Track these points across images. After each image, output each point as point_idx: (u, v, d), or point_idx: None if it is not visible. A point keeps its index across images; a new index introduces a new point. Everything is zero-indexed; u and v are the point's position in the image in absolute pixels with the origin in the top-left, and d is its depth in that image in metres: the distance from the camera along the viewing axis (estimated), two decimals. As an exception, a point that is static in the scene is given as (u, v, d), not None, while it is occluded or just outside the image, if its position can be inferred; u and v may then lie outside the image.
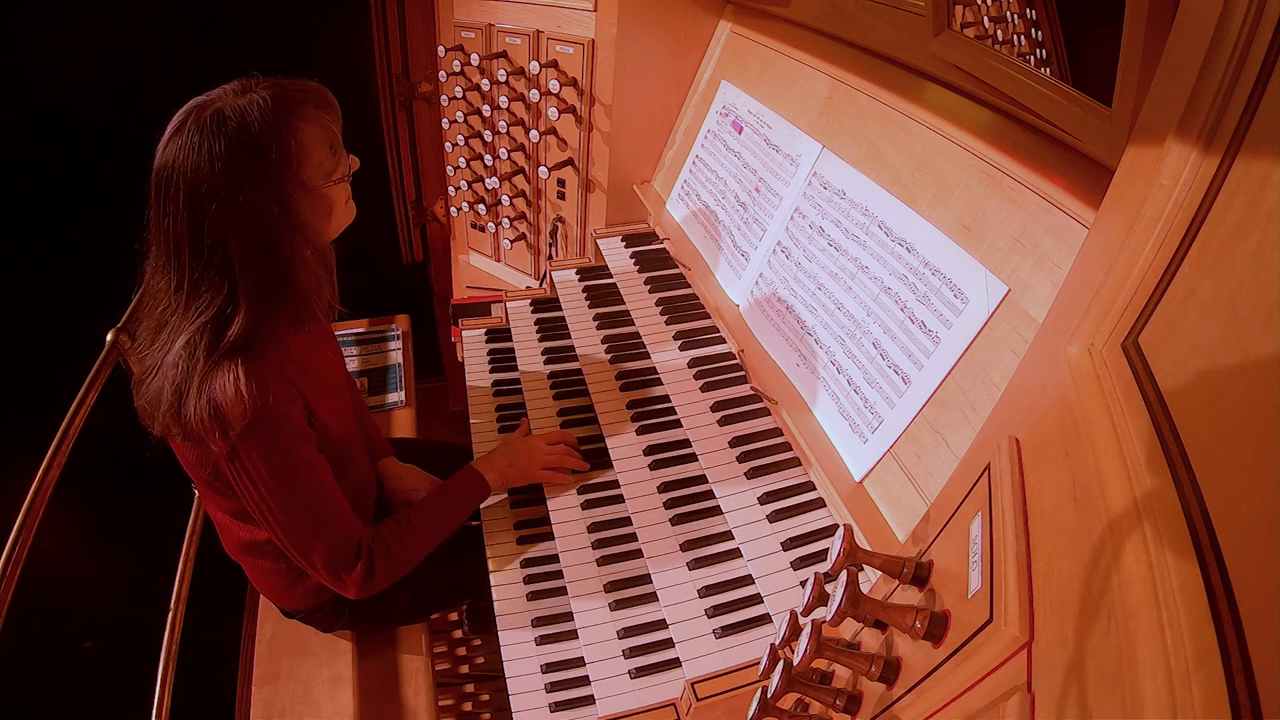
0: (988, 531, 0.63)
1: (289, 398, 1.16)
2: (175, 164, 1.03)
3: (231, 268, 1.06)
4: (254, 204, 1.04)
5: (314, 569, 1.26)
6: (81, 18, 2.10)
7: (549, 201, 2.15)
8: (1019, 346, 0.98)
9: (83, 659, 2.22)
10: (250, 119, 1.03)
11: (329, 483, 1.24)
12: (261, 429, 1.11)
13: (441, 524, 1.41)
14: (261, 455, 1.13)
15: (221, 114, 1.03)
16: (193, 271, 1.06)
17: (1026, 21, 1.01)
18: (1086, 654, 0.46)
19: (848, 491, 1.17)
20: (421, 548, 1.37)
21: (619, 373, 1.60)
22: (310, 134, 1.09)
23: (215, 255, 1.05)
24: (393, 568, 1.31)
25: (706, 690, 1.07)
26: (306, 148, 1.08)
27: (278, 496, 1.17)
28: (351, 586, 1.28)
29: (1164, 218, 0.59)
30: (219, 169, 1.01)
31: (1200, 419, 0.48)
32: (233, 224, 1.04)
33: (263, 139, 1.03)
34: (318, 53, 2.42)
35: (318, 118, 1.10)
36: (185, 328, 1.08)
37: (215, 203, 1.02)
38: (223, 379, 1.07)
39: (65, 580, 2.28)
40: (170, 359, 1.09)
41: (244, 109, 1.04)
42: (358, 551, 1.27)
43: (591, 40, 1.84)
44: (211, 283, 1.06)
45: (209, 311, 1.07)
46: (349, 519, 1.27)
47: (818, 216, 1.40)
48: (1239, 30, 0.53)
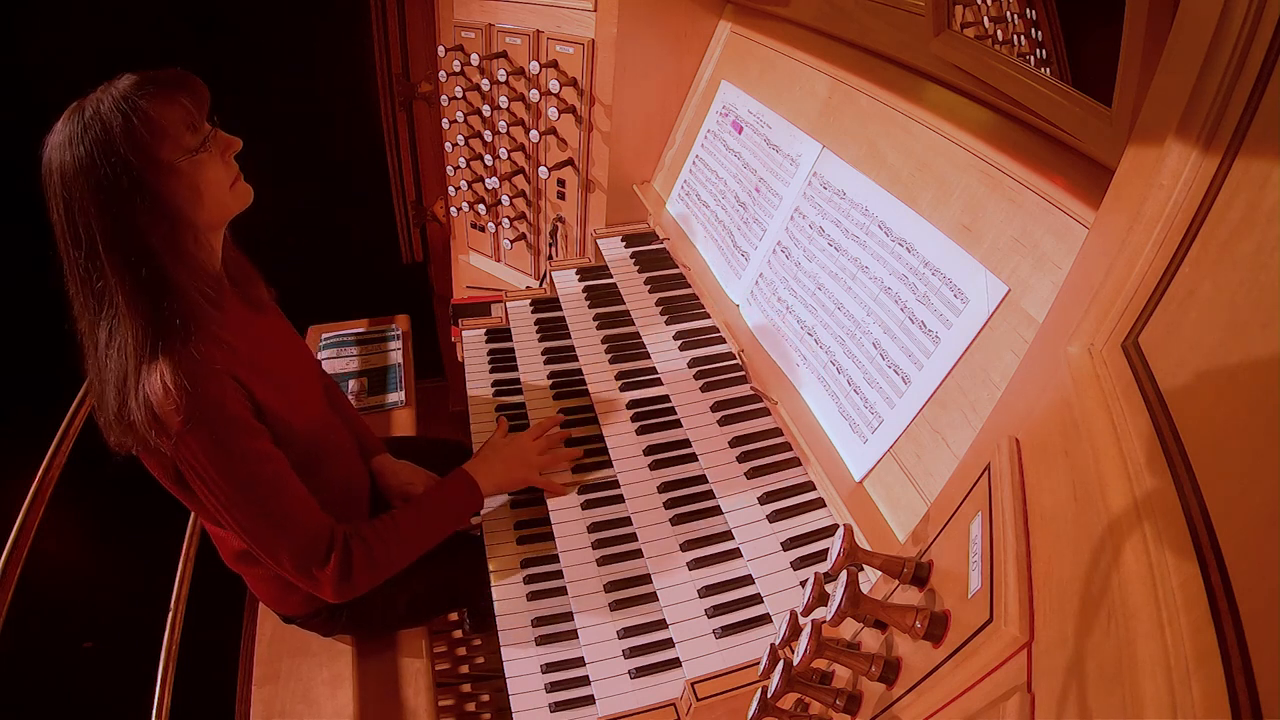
0: (988, 531, 0.63)
1: (227, 392, 1.12)
2: (48, 157, 1.04)
3: (100, 256, 1.04)
4: (107, 185, 1.02)
5: (283, 569, 1.22)
6: (81, 18, 2.11)
7: (549, 201, 2.15)
8: (1019, 346, 0.98)
9: (83, 659, 2.22)
10: (101, 104, 1.04)
11: (286, 477, 1.20)
12: (200, 425, 1.08)
13: (429, 528, 1.37)
14: (205, 452, 1.10)
15: (80, 105, 1.05)
16: (79, 268, 1.06)
17: (1026, 21, 1.01)
18: (1086, 654, 0.46)
19: (848, 491, 1.17)
20: (406, 552, 1.32)
21: (619, 373, 1.60)
22: (162, 112, 1.06)
23: (89, 247, 1.04)
24: (373, 569, 1.27)
25: (706, 690, 1.07)
26: (160, 126, 1.05)
27: (229, 494, 1.14)
28: (326, 585, 1.22)
29: (1164, 218, 0.59)
30: (76, 155, 1.02)
31: (1200, 419, 0.48)
32: (93, 210, 1.02)
33: (110, 121, 1.02)
34: (318, 53, 2.42)
35: (170, 96, 1.07)
36: (101, 327, 1.07)
37: (77, 190, 1.02)
38: (153, 379, 1.05)
39: (65, 580, 2.29)
40: (103, 362, 1.08)
41: (99, 97, 1.05)
42: (329, 546, 1.22)
43: (591, 40, 1.84)
44: (98, 275, 1.05)
45: (108, 307, 1.06)
46: (313, 513, 1.22)
47: (818, 216, 1.40)
48: (1239, 30, 0.53)
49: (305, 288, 1.57)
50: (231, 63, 1.15)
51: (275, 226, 1.28)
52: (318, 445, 1.31)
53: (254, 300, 1.31)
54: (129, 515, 2.28)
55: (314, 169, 2.43)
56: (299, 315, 1.46)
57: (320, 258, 2.48)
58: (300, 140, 2.36)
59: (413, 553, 1.34)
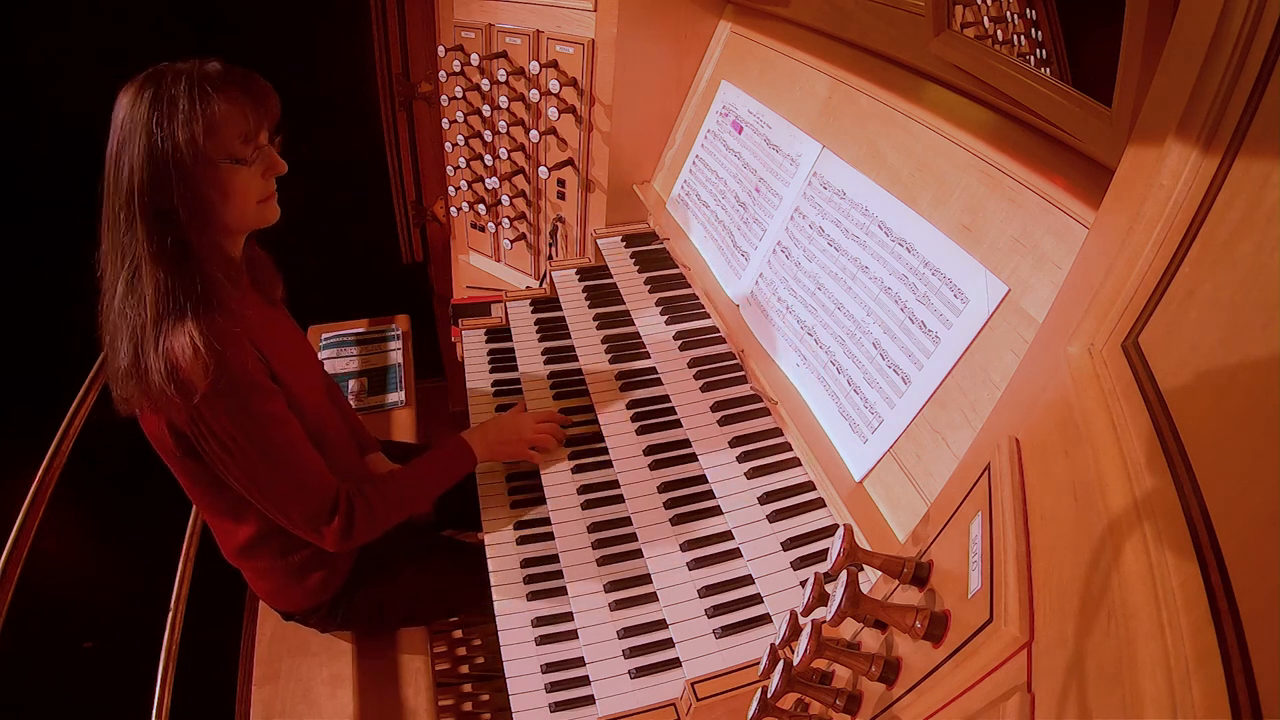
0: (988, 531, 0.63)
1: (250, 357, 1.17)
2: (119, 102, 1.10)
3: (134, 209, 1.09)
4: (156, 151, 1.08)
5: (291, 523, 1.28)
6: (81, 18, 2.11)
7: (549, 201, 2.15)
8: (1019, 346, 0.98)
9: (83, 659, 2.22)
10: (178, 80, 1.09)
11: (300, 438, 1.26)
12: (225, 388, 1.12)
13: (426, 486, 1.45)
14: (228, 414, 1.14)
15: (161, 71, 1.10)
16: (113, 210, 1.11)
17: (1026, 21, 1.01)
18: (1086, 654, 0.46)
19: (848, 491, 1.17)
20: (404, 507, 1.40)
21: (619, 373, 1.60)
22: (226, 113, 1.11)
23: (128, 197, 1.09)
24: (372, 523, 1.34)
25: (706, 690, 1.07)
26: (216, 121, 1.10)
27: (249, 454, 1.18)
28: (330, 538, 1.30)
29: (1164, 218, 0.59)
30: (139, 113, 1.08)
31: (1200, 419, 0.48)
32: (139, 166, 1.08)
33: (179, 97, 1.08)
34: (318, 53, 2.42)
35: (241, 101, 1.13)
36: (121, 276, 1.11)
37: (131, 144, 1.08)
38: (180, 340, 1.09)
39: (65, 580, 2.29)
40: (118, 310, 1.12)
41: (180, 70, 1.10)
42: (335, 504, 1.29)
43: (591, 40, 1.84)
44: (128, 226, 1.10)
45: (131, 259, 1.10)
46: (322, 474, 1.29)
47: (818, 216, 1.40)
48: (1239, 30, 0.53)
49: (305, 288, 1.57)
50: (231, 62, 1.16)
51: (275, 226, 1.29)
52: (321, 432, 1.34)
53: (270, 297, 1.37)
54: (129, 515, 2.29)
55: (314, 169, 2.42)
56: (299, 315, 1.47)
57: (320, 258, 2.48)
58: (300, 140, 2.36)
59: (408, 510, 1.41)
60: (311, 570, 1.43)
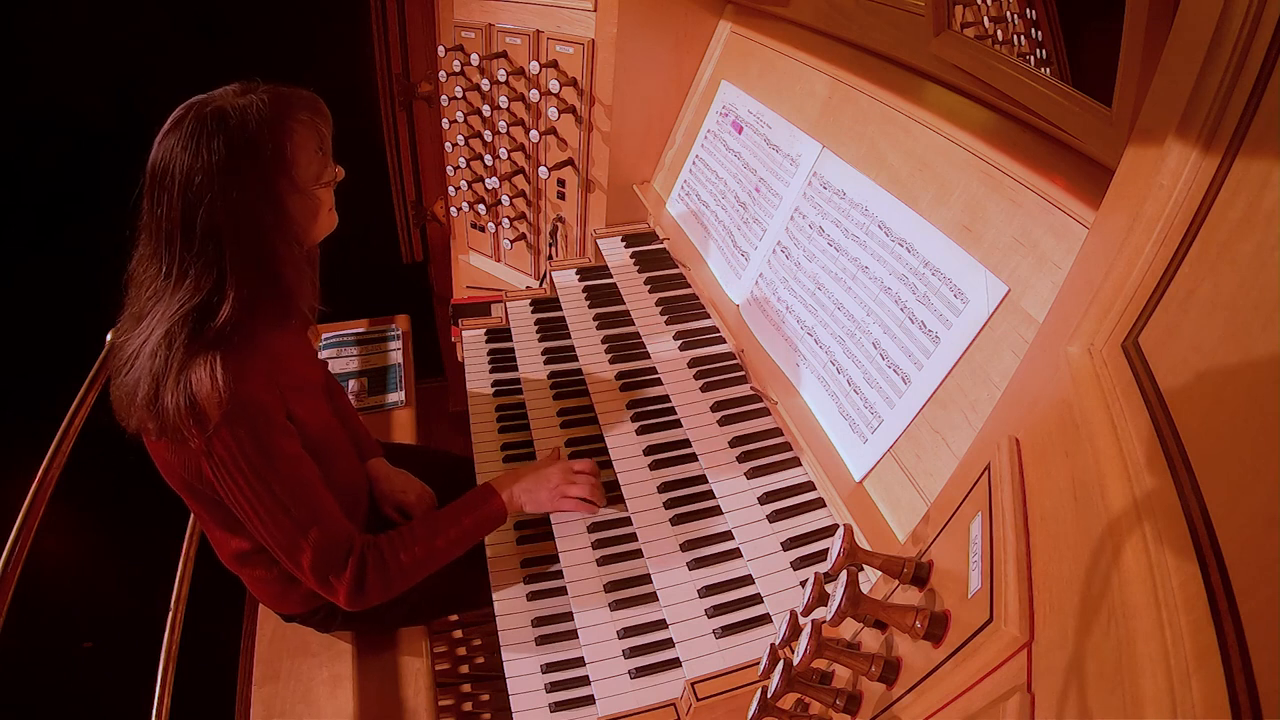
0: (988, 531, 0.63)
1: (267, 392, 1.16)
2: (173, 155, 1.07)
3: (222, 258, 1.08)
4: (247, 198, 1.08)
5: (302, 572, 1.22)
6: (81, 18, 2.11)
7: (549, 201, 2.15)
8: (1019, 346, 0.98)
9: (83, 659, 2.22)
10: (249, 118, 1.08)
11: (315, 479, 1.22)
12: (239, 421, 1.11)
13: (448, 547, 1.33)
14: (240, 448, 1.12)
15: (223, 111, 1.08)
16: (183, 261, 1.09)
17: (1026, 21, 1.01)
18: (1086, 654, 0.46)
19: (848, 491, 1.17)
20: (422, 567, 1.30)
21: (619, 373, 1.60)
22: (303, 137, 1.14)
23: (206, 245, 1.08)
24: (386, 582, 1.26)
25: (706, 690, 1.07)
26: (298, 150, 1.13)
27: (259, 493, 1.15)
28: (340, 591, 1.23)
29: (1164, 218, 0.59)
30: (215, 162, 1.05)
31: (1200, 419, 0.48)
32: (225, 215, 1.07)
33: (259, 138, 1.08)
34: (318, 53, 2.42)
35: (311, 122, 1.15)
36: (168, 315, 1.09)
37: (209, 194, 1.06)
38: (199, 371, 1.08)
39: (65, 580, 2.29)
40: (149, 348, 1.09)
41: (244, 108, 1.09)
42: (348, 553, 1.23)
43: (591, 40, 1.84)
44: (200, 271, 1.09)
45: (196, 299, 1.09)
46: (338, 519, 1.23)
47: (818, 216, 1.40)
48: (1239, 30, 0.53)
49: (305, 288, 1.57)
50: (231, 63, 1.16)
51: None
52: (323, 448, 1.32)
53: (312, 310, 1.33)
54: (129, 515, 2.29)
55: (314, 169, 2.43)
56: (299, 315, 1.47)
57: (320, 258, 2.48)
58: (300, 140, 2.36)
59: (426, 570, 1.31)
60: None
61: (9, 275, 2.23)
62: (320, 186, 1.19)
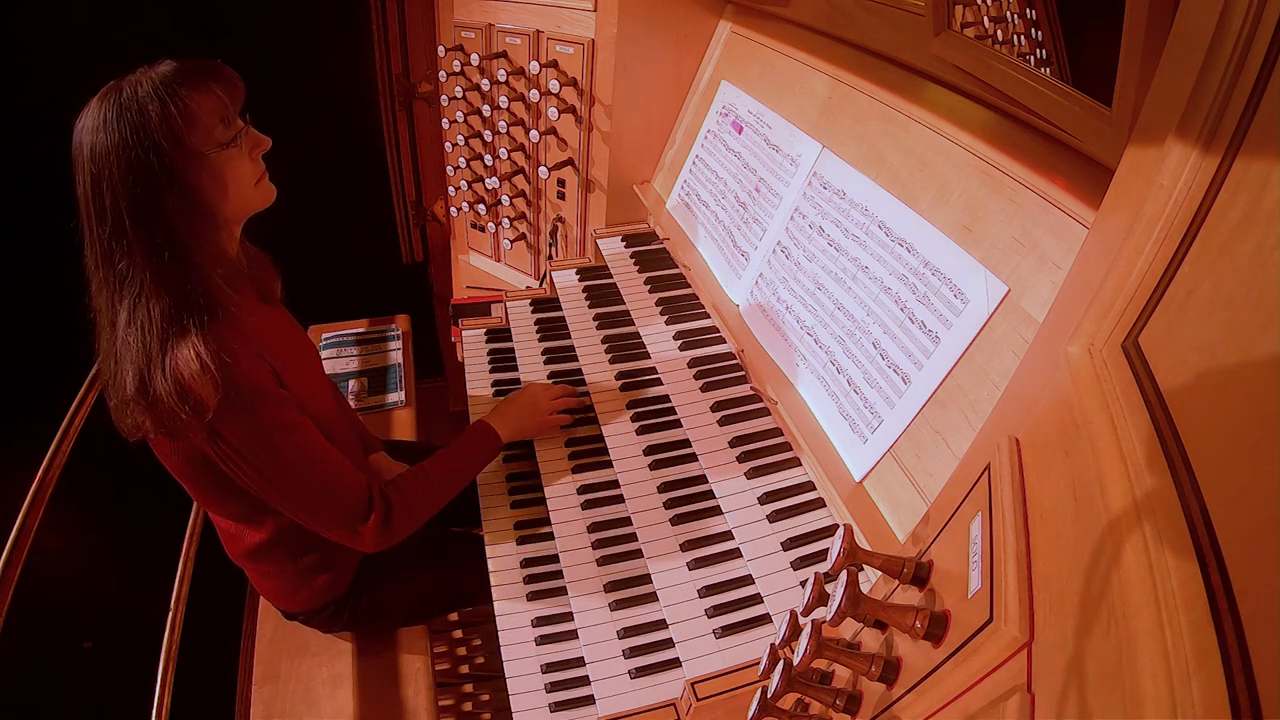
0: (988, 531, 0.63)
1: (256, 365, 1.15)
2: (79, 137, 1.06)
3: (127, 235, 1.06)
4: (138, 167, 1.05)
5: (328, 530, 1.27)
6: (81, 18, 2.10)
7: (549, 201, 2.15)
8: (1019, 346, 0.98)
9: (83, 659, 2.22)
10: (140, 88, 1.06)
11: (319, 440, 1.23)
12: (236, 402, 1.10)
13: (457, 476, 1.43)
14: (244, 429, 1.13)
15: (118, 86, 1.07)
16: (103, 245, 1.08)
17: (1026, 21, 1.00)
18: (1086, 654, 0.46)
19: (848, 491, 1.17)
20: (438, 498, 1.39)
21: (619, 373, 1.60)
22: (198, 102, 1.09)
23: (116, 225, 1.06)
24: (410, 517, 1.33)
25: (706, 690, 1.07)
26: (193, 115, 1.08)
27: (272, 467, 1.17)
28: (368, 537, 1.28)
29: (1164, 218, 0.59)
30: (110, 134, 1.04)
31: (1200, 419, 0.48)
32: (123, 189, 1.05)
33: (146, 104, 1.05)
34: (318, 53, 2.42)
35: (207, 87, 1.10)
36: (121, 306, 1.08)
37: (108, 168, 1.04)
38: (185, 355, 1.06)
39: (65, 580, 2.28)
40: (121, 340, 1.09)
41: (137, 79, 1.07)
42: (370, 501, 1.28)
43: (591, 40, 1.84)
44: (123, 253, 1.07)
45: (130, 285, 1.08)
46: (349, 473, 1.27)
47: (818, 216, 1.40)
48: (1239, 30, 0.53)
49: (305, 288, 1.57)
50: (231, 63, 1.16)
51: (275, 226, 1.28)
52: (329, 433, 1.32)
53: (267, 295, 1.34)
54: (129, 515, 2.29)
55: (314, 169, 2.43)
56: (299, 315, 1.47)
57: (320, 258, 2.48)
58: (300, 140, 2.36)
59: (442, 501, 1.40)
60: (319, 572, 1.43)
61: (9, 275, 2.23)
62: (218, 150, 1.11)
